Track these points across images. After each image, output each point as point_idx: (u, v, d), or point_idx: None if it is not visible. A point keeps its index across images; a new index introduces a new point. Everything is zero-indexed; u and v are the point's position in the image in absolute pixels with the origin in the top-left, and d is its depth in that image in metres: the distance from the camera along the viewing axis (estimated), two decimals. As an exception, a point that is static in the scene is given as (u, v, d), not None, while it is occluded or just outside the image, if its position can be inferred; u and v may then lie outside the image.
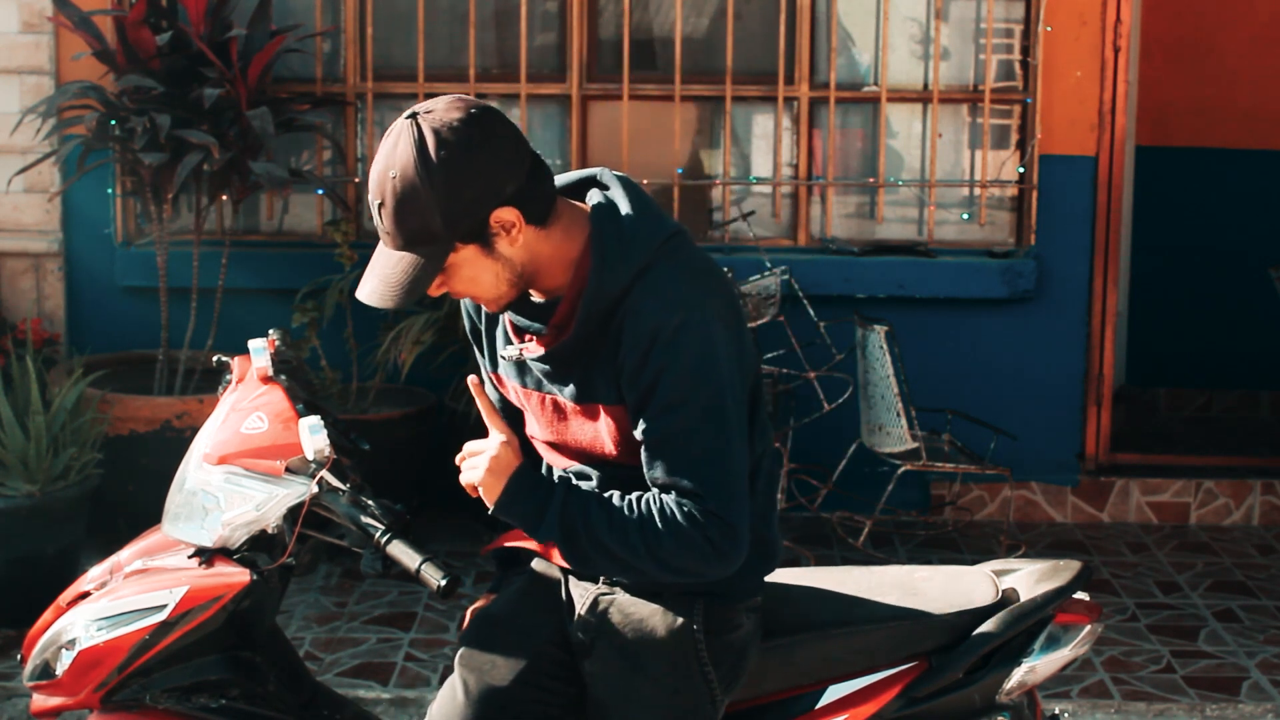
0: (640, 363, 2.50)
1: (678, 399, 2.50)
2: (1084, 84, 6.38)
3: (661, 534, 2.52)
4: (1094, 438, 6.54)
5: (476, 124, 2.48)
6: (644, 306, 2.51)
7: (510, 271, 2.55)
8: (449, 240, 2.48)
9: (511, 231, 2.51)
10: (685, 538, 2.51)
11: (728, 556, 2.53)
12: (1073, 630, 2.95)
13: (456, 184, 2.45)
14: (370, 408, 6.01)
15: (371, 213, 2.53)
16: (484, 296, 2.58)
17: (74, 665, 2.86)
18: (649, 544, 2.52)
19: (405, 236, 2.48)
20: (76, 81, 5.85)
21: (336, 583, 5.59)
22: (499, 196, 2.48)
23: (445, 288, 2.56)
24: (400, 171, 2.45)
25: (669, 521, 2.52)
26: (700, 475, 2.51)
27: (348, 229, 6.08)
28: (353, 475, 2.85)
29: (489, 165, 2.47)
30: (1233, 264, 7.96)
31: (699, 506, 2.51)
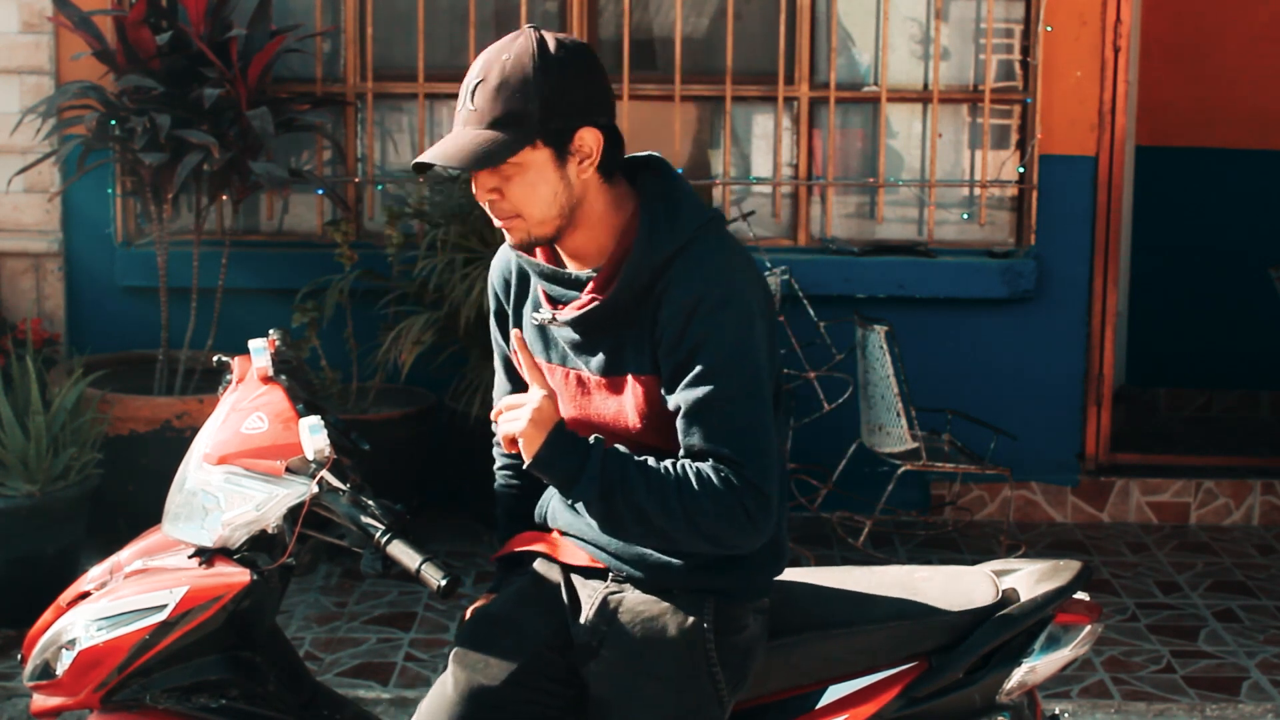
0: (681, 331, 2.55)
1: (718, 369, 2.55)
2: (1084, 84, 6.38)
3: (700, 497, 2.53)
4: (1094, 438, 6.54)
5: (591, 52, 2.64)
6: (688, 276, 2.57)
7: (566, 198, 2.59)
8: (536, 131, 2.53)
9: (587, 159, 2.59)
10: (723, 503, 2.53)
11: (760, 526, 2.56)
12: (1073, 630, 2.95)
13: (564, 84, 2.55)
14: (370, 408, 6.01)
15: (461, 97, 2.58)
16: (531, 214, 2.59)
17: (74, 665, 2.86)
18: (686, 508, 2.53)
19: (496, 114, 2.53)
20: (76, 81, 5.86)
21: (336, 583, 5.59)
22: (592, 117, 2.58)
23: (500, 193, 2.59)
24: (515, 56, 2.55)
25: (707, 486, 2.53)
26: (739, 444, 2.55)
27: (348, 229, 6.08)
28: (353, 475, 2.85)
29: (594, 85, 2.60)
30: (1233, 264, 7.96)
31: (737, 474, 2.54)
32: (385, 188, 6.52)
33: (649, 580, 2.73)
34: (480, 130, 2.54)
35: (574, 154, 2.58)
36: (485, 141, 2.53)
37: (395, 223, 6.05)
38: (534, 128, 2.53)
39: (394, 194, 6.48)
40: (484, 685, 2.72)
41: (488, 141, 2.53)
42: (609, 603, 2.74)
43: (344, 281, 6.02)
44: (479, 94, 2.55)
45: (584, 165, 2.59)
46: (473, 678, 2.73)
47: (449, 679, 2.76)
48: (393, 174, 6.55)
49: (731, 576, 2.73)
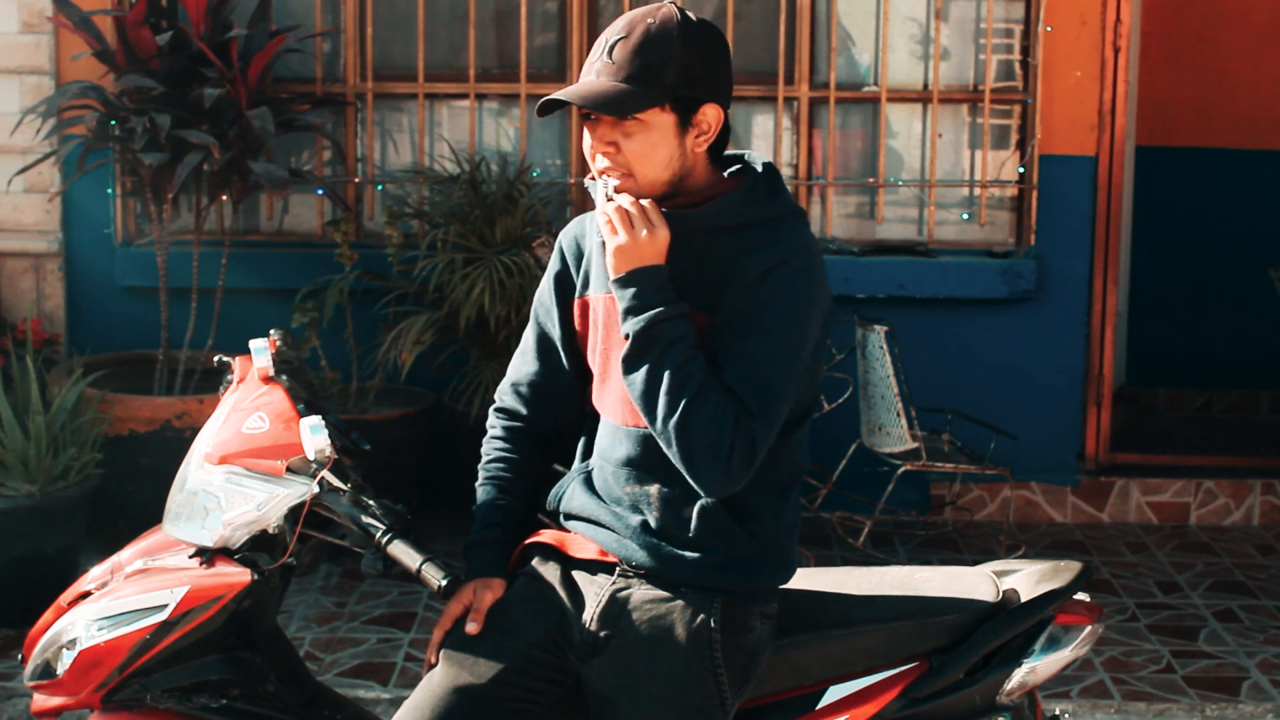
0: (759, 277, 2.64)
1: (771, 325, 2.63)
2: (1084, 84, 6.38)
3: (705, 411, 2.59)
4: (1094, 438, 6.54)
5: (725, 38, 2.77)
6: (777, 238, 2.68)
7: (679, 166, 2.70)
8: (668, 94, 2.64)
9: (705, 134, 2.70)
10: (718, 431, 2.59)
11: (732, 474, 2.61)
12: (1073, 631, 2.95)
13: (701, 58, 2.68)
14: (370, 408, 6.01)
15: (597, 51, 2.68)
16: (644, 174, 2.68)
17: (75, 665, 2.86)
18: (690, 408, 2.59)
19: (634, 70, 2.63)
20: (76, 81, 5.85)
21: (336, 583, 5.59)
22: (719, 95, 2.72)
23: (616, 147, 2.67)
24: (660, 22, 2.66)
25: (718, 409, 2.59)
26: (758, 396, 2.62)
27: (348, 229, 6.08)
28: (354, 475, 2.85)
29: (725, 67, 2.74)
30: (1233, 264, 7.96)
31: (745, 418, 2.60)
32: (385, 188, 6.52)
33: (658, 573, 2.74)
34: (615, 82, 2.63)
35: (695, 126, 2.69)
36: (620, 91, 2.63)
37: (395, 223, 6.05)
38: (667, 90, 2.64)
39: (394, 194, 6.48)
40: (470, 682, 2.72)
41: (622, 91, 2.62)
42: (617, 598, 2.75)
43: (344, 281, 6.01)
44: (619, 49, 2.65)
45: (700, 140, 2.70)
46: (459, 674, 2.73)
47: (435, 674, 2.76)
48: (393, 174, 6.55)
49: (741, 577, 2.74)
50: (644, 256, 2.64)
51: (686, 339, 2.63)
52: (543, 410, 2.95)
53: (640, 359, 2.63)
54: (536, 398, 2.95)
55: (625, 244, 2.64)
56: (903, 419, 5.76)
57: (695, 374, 2.60)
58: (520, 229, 5.96)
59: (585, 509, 2.82)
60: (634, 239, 2.64)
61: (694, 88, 2.66)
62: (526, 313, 5.73)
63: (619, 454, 2.77)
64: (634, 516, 2.75)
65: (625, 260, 2.65)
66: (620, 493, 2.77)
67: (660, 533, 2.73)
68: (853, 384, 6.07)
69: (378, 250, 6.16)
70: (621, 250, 2.64)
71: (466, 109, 6.53)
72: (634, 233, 2.64)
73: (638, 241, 2.64)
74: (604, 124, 2.67)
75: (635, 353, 2.64)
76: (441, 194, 6.17)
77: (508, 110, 6.58)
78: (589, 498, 2.82)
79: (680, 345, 2.62)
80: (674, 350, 2.61)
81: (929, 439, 5.99)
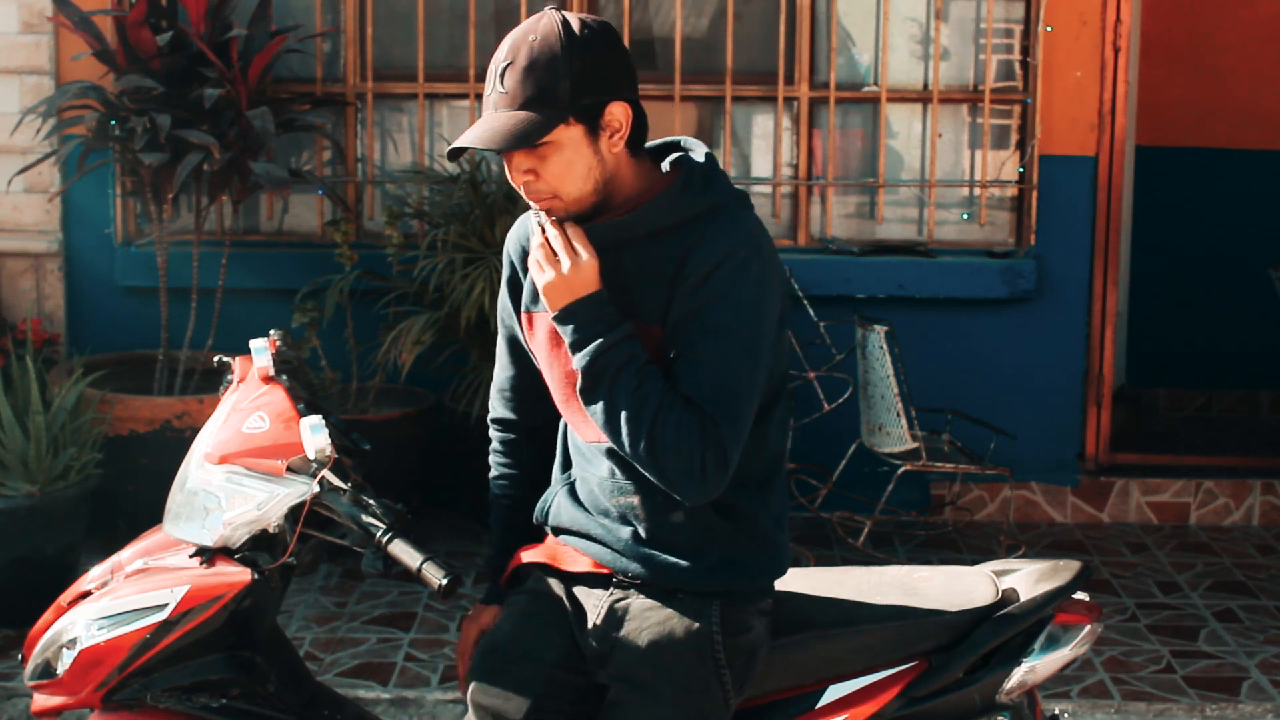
0: (704, 277, 2.58)
1: (725, 323, 2.58)
2: (1084, 84, 6.38)
3: (669, 429, 2.55)
4: (1094, 438, 6.54)
5: (614, 31, 2.70)
6: (722, 232, 2.61)
7: (600, 173, 2.63)
8: (568, 109, 2.58)
9: (617, 133, 2.64)
10: (686, 447, 2.55)
11: (709, 483, 2.58)
12: (1072, 630, 2.95)
13: (591, 61, 2.60)
14: (370, 408, 6.01)
15: (490, 81, 2.62)
16: (567, 192, 2.62)
17: (75, 665, 2.86)
18: (653, 429, 2.55)
19: (528, 94, 2.57)
20: (76, 81, 5.86)
21: (336, 583, 5.59)
22: (620, 91, 2.65)
23: (535, 174, 2.62)
24: (542, 37, 2.59)
25: (680, 424, 2.55)
26: (720, 402, 2.58)
27: (348, 229, 6.08)
28: (354, 475, 2.85)
29: (620, 61, 2.67)
30: (1233, 264, 7.96)
31: (711, 428, 2.56)
32: (385, 188, 6.53)
33: (654, 582, 2.73)
34: (513, 112, 2.58)
35: (605, 128, 2.63)
36: (520, 122, 2.56)
37: (395, 223, 6.05)
38: (566, 105, 2.57)
39: (394, 194, 6.48)
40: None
41: (523, 122, 2.56)
42: (615, 610, 2.74)
43: (344, 281, 6.02)
44: (508, 77, 2.59)
45: (614, 140, 2.64)
46: (498, 716, 2.71)
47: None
48: (393, 174, 6.55)
49: (736, 578, 2.73)
50: (574, 289, 2.59)
51: (635, 361, 2.58)
52: (532, 409, 2.93)
53: (594, 393, 2.60)
54: (522, 399, 2.93)
55: (554, 280, 2.59)
56: (903, 419, 5.76)
57: (651, 395, 2.56)
58: (520, 229, 5.95)
59: (575, 523, 2.80)
60: (559, 274, 2.59)
61: (592, 93, 2.60)
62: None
63: (599, 469, 2.75)
64: (624, 528, 2.73)
65: (559, 296, 2.60)
66: (607, 504, 2.75)
67: (651, 542, 2.72)
68: (853, 384, 6.07)
69: (378, 250, 6.16)
70: (552, 287, 2.60)
71: (466, 109, 6.53)
72: (559, 267, 2.59)
73: (565, 275, 2.59)
74: (517, 154, 2.62)
75: (588, 387, 2.60)
76: (441, 194, 6.17)
77: (508, 110, 6.57)
78: (577, 511, 2.80)
79: (629, 370, 2.58)
80: (624, 376, 2.57)
81: (929, 439, 5.99)
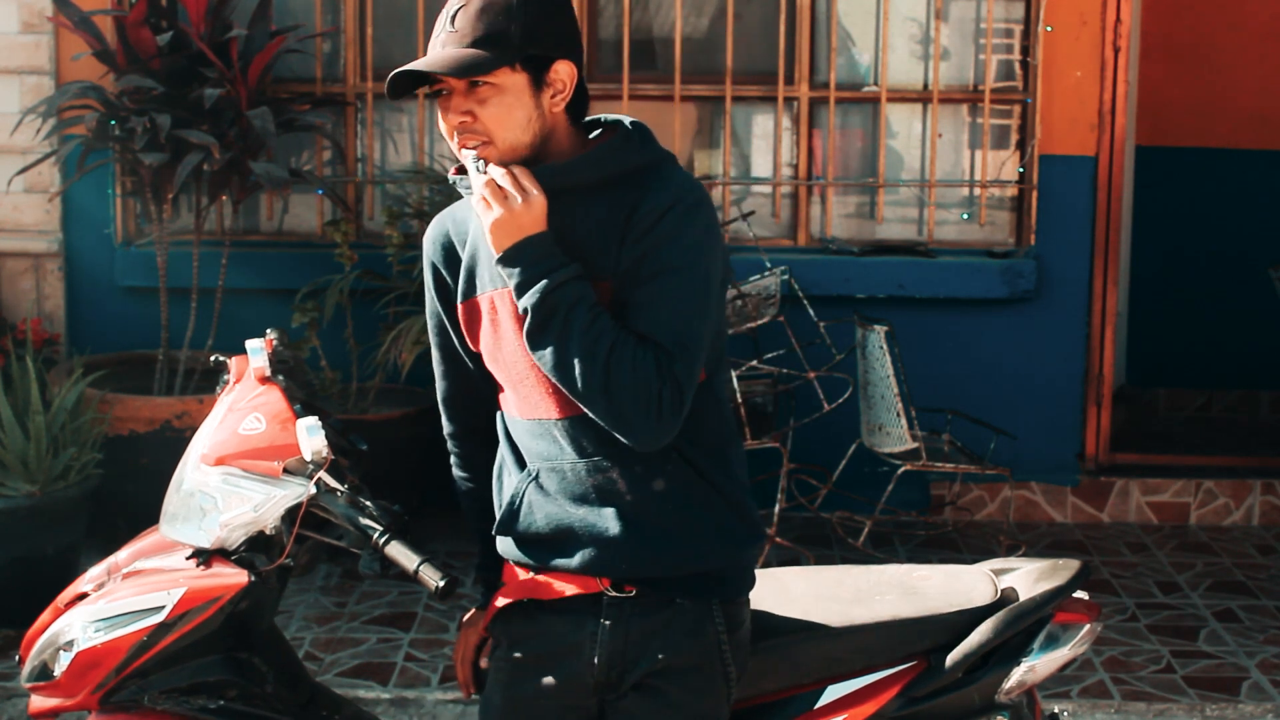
0: (654, 221, 2.56)
1: (675, 265, 2.56)
2: (1084, 84, 6.38)
3: (625, 365, 2.51)
4: (1094, 438, 6.54)
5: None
6: (666, 184, 2.61)
7: (539, 127, 2.61)
8: (516, 53, 2.57)
9: (560, 93, 2.63)
10: (643, 382, 2.51)
11: (666, 423, 2.54)
12: (1072, 629, 2.95)
13: (544, 14, 2.61)
14: (370, 408, 6.01)
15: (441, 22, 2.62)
16: (504, 139, 2.59)
17: (72, 666, 2.86)
18: (609, 367, 2.50)
19: (478, 34, 2.56)
20: (76, 81, 5.86)
21: (336, 583, 5.59)
22: (569, 53, 2.64)
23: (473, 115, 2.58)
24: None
25: (637, 360, 2.51)
26: (676, 338, 2.55)
27: (348, 229, 6.08)
28: (351, 476, 2.85)
29: (571, 24, 2.67)
30: (1233, 264, 7.95)
31: (666, 363, 2.53)
32: (385, 188, 6.52)
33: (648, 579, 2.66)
34: (461, 49, 2.57)
35: (549, 84, 2.61)
36: (468, 55, 2.55)
37: (395, 223, 6.05)
38: (512, 49, 2.56)
39: (394, 194, 6.48)
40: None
41: (470, 55, 2.55)
42: (615, 634, 2.67)
43: (344, 281, 6.02)
44: (460, 16, 2.59)
45: (556, 99, 2.62)
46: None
47: None
48: (393, 174, 6.55)
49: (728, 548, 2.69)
50: (523, 226, 2.53)
51: (587, 299, 2.53)
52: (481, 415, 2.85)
53: (545, 331, 2.52)
54: (468, 408, 2.86)
55: (502, 217, 2.53)
56: (903, 419, 5.76)
57: (606, 331, 2.51)
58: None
59: (551, 520, 2.67)
60: (510, 210, 2.53)
61: (542, 45, 2.59)
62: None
63: (569, 450, 2.65)
64: (606, 511, 2.64)
65: (506, 235, 2.53)
66: (585, 487, 2.65)
67: (638, 523, 2.63)
68: (853, 384, 6.06)
69: (378, 250, 6.16)
70: (499, 224, 2.53)
71: (466, 109, 6.52)
72: (508, 204, 2.53)
73: (514, 212, 2.53)
74: (457, 94, 2.59)
75: (538, 326, 2.53)
76: (441, 194, 6.17)
77: (508, 110, 6.57)
78: (550, 505, 2.68)
79: (582, 306, 2.52)
80: (577, 313, 2.51)
81: (929, 439, 5.99)
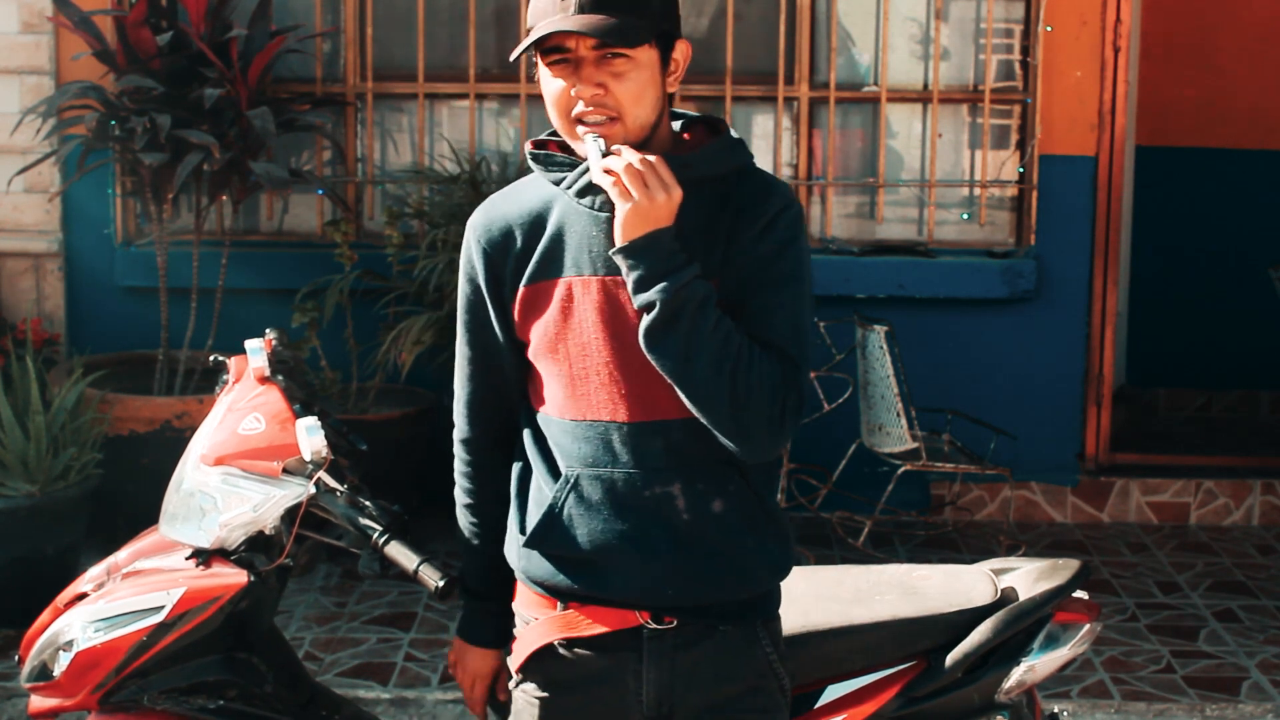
0: (767, 226, 2.49)
1: (794, 273, 2.50)
2: (1084, 84, 6.37)
3: (754, 371, 2.41)
4: (1094, 438, 6.54)
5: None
6: (772, 188, 2.54)
7: (661, 109, 2.50)
8: (656, 26, 2.45)
9: (674, 74, 2.52)
10: (770, 390, 2.42)
11: (783, 432, 2.46)
12: (1072, 629, 2.95)
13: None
14: (370, 408, 6.01)
15: None
16: (634, 117, 2.46)
17: (72, 666, 2.86)
18: (736, 371, 2.40)
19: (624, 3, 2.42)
20: (76, 81, 5.86)
21: (336, 583, 5.59)
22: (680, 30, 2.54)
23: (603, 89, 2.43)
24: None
25: (765, 367, 2.43)
26: (800, 348, 2.49)
27: (348, 229, 6.08)
28: (350, 476, 2.85)
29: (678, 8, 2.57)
30: (1233, 264, 7.96)
31: (792, 373, 2.46)
32: (385, 188, 6.52)
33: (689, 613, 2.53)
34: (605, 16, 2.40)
35: (672, 64, 2.50)
36: (621, 21, 2.40)
37: (395, 223, 6.05)
38: (655, 23, 2.45)
39: (394, 194, 6.48)
40: None
41: (620, 23, 2.40)
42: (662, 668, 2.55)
43: (344, 281, 6.02)
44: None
45: (672, 80, 2.52)
46: None
47: None
48: (393, 174, 6.55)
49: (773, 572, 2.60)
50: (658, 219, 2.39)
51: (712, 299, 2.41)
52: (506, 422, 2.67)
53: (671, 329, 2.39)
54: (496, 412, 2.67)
55: (641, 206, 2.37)
56: (903, 419, 5.76)
57: (732, 334, 2.41)
58: (520, 229, 5.95)
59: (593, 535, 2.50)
60: (651, 200, 2.38)
61: (672, 22, 2.48)
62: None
63: (624, 457, 2.49)
64: (656, 529, 2.50)
65: (639, 224, 2.38)
66: (637, 501, 2.49)
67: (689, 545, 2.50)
68: (853, 384, 6.06)
69: (378, 250, 6.16)
70: (637, 212, 2.38)
71: (466, 109, 6.53)
72: (650, 194, 2.38)
73: (655, 203, 2.38)
74: (587, 64, 2.42)
75: (663, 322, 2.38)
76: (441, 194, 6.17)
77: (508, 110, 6.58)
78: (593, 518, 2.51)
79: (709, 306, 2.40)
80: (705, 313, 2.39)
81: (929, 439, 5.99)
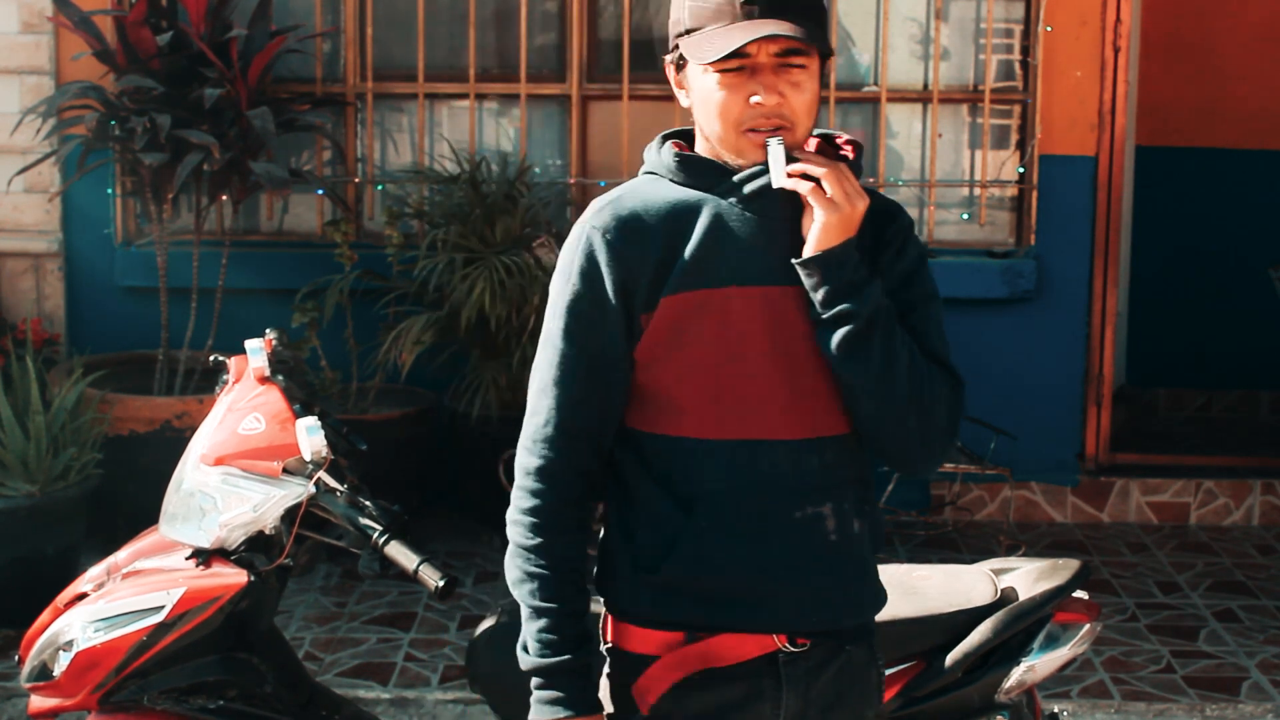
0: (903, 242, 2.46)
1: (934, 290, 2.47)
2: (1084, 84, 6.37)
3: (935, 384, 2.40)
4: (1094, 438, 6.54)
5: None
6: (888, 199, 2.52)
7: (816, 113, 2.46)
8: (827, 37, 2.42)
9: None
10: (946, 404, 2.41)
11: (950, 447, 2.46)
12: (1071, 629, 2.95)
13: None
14: (370, 408, 6.01)
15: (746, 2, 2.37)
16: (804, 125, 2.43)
17: (72, 666, 2.87)
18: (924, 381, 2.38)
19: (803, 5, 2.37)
20: (76, 81, 5.86)
21: (336, 583, 5.59)
22: None
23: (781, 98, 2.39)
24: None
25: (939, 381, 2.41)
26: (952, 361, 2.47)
27: (348, 229, 6.08)
28: (350, 476, 2.85)
29: None
30: (1233, 264, 7.95)
31: (959, 389, 2.45)
32: (385, 188, 6.52)
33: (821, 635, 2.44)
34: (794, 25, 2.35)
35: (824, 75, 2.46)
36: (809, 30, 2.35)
37: (395, 223, 6.05)
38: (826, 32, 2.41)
39: (394, 194, 6.48)
40: None
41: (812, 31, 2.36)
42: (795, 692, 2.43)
43: (344, 281, 6.01)
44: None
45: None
46: None
47: None
48: (393, 174, 6.55)
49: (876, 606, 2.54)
50: (849, 230, 2.34)
51: (893, 311, 2.38)
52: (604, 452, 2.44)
53: (867, 340, 2.33)
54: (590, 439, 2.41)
55: (846, 213, 2.33)
56: (902, 419, 5.75)
57: (913, 347, 2.39)
58: (520, 229, 5.95)
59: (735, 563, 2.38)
60: (854, 208, 2.34)
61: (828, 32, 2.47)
62: (527, 313, 5.75)
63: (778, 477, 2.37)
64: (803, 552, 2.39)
65: (836, 234, 2.33)
66: (786, 521, 2.38)
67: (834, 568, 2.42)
68: (853, 384, 6.06)
69: (378, 250, 6.16)
70: (842, 220, 2.33)
71: (466, 109, 6.53)
72: (852, 203, 2.34)
73: (856, 211, 2.35)
74: (765, 72, 2.36)
75: (860, 334, 2.32)
76: (441, 194, 6.17)
77: (508, 110, 6.58)
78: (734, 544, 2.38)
79: (894, 318, 2.37)
80: (893, 325, 2.36)
81: (929, 439, 5.98)
